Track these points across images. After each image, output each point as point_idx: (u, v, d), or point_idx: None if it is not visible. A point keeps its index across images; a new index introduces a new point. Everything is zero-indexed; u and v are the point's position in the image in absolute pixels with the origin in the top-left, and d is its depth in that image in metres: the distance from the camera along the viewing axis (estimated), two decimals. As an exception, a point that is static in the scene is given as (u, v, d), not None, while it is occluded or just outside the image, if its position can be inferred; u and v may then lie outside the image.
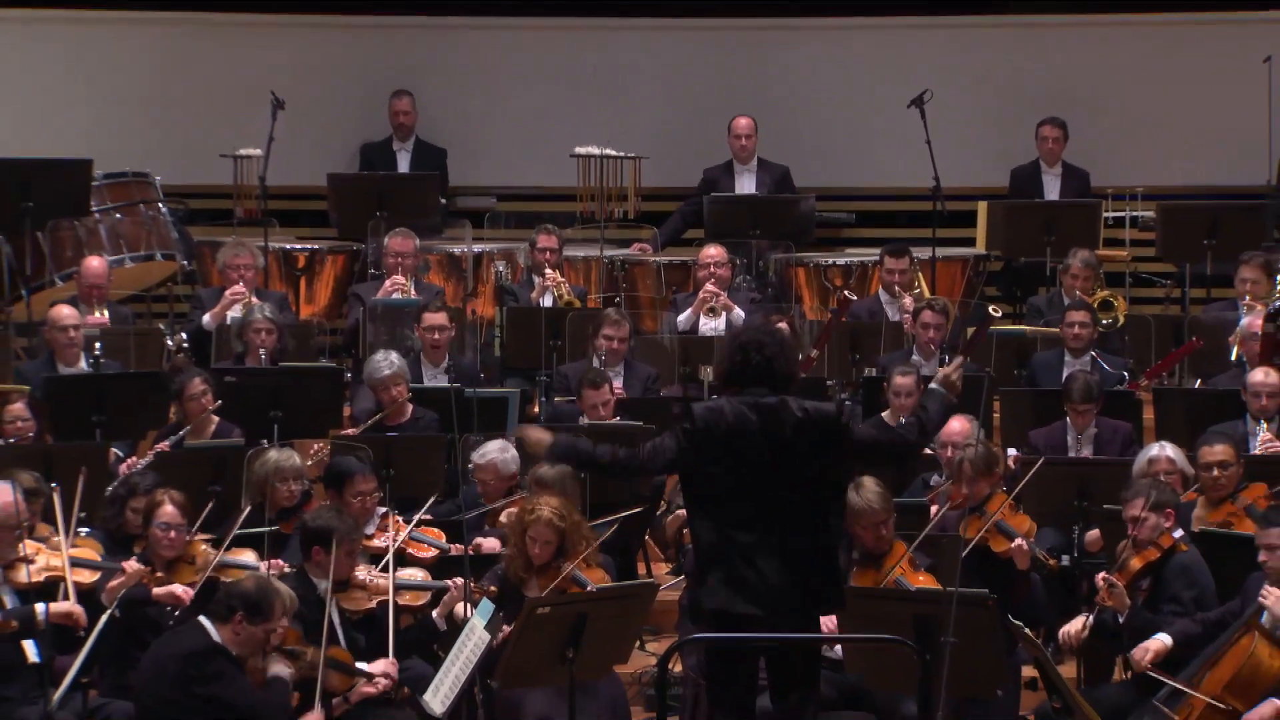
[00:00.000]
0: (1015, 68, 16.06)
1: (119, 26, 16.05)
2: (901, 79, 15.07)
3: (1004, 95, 15.94)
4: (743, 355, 8.20)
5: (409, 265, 13.51)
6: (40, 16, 15.98)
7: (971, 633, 8.42)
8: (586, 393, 11.84)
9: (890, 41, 16.17)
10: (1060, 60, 16.07)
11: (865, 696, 9.18)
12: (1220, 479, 10.29)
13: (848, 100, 16.02)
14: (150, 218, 14.16)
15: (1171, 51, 16.06)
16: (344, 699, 8.75)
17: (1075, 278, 13.57)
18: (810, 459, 8.12)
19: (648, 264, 14.48)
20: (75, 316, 12.31)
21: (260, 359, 12.29)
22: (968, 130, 15.40)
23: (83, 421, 11.48)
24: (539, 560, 9.22)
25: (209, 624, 8.50)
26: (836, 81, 16.10)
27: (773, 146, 15.34)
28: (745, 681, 8.29)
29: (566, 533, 9.23)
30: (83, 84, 15.88)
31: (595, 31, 16.26)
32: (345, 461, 10.18)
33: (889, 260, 13.79)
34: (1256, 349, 12.43)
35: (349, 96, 15.97)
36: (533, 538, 9.20)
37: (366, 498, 9.99)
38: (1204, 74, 15.84)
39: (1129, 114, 15.95)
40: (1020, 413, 12.17)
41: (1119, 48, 16.14)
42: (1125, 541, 9.28)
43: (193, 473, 10.49)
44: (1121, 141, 15.83)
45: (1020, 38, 16.22)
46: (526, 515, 9.26)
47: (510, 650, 8.41)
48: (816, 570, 8.11)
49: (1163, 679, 8.73)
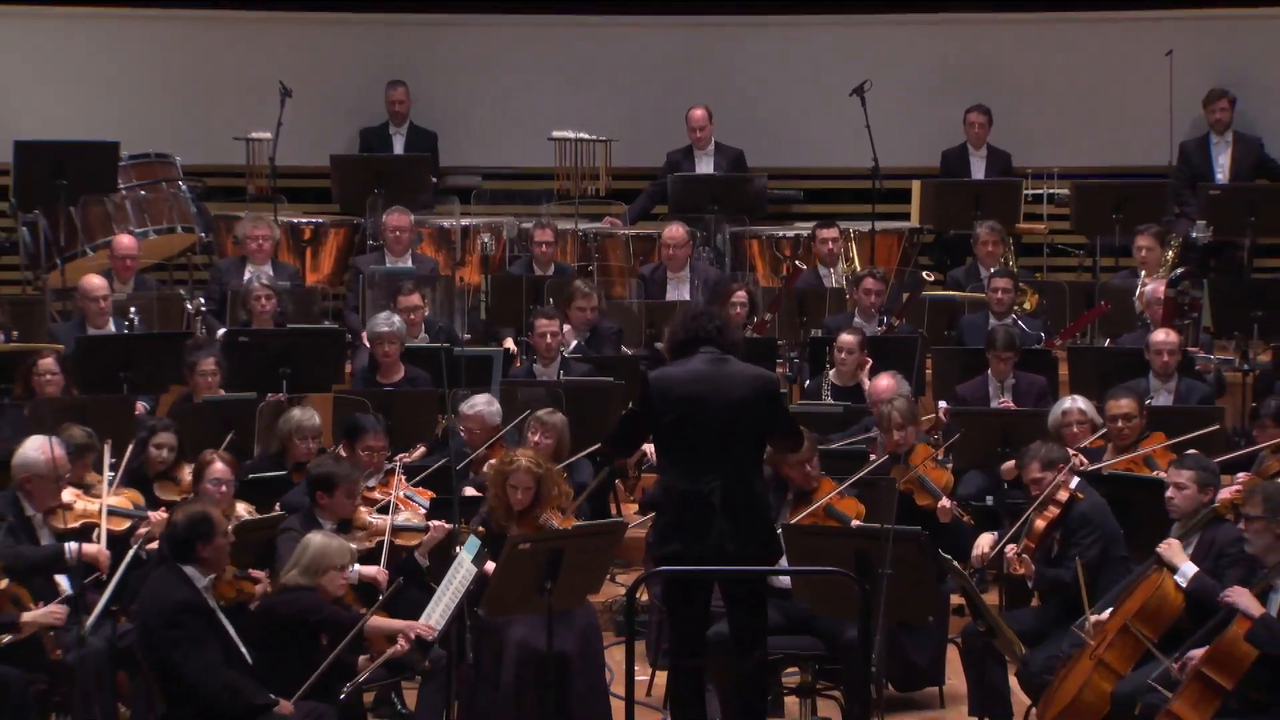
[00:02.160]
0: (946, 60, 16.05)
1: (143, 22, 15.98)
2: (844, 70, 15.03)
3: (935, 85, 15.92)
4: (696, 323, 8.37)
5: (404, 238, 13.53)
6: (72, 13, 15.92)
7: (906, 566, 8.49)
8: (538, 322, 11.93)
9: (834, 36, 16.14)
10: (986, 53, 16.06)
11: (811, 622, 9.20)
12: (1125, 429, 10.35)
13: (796, 89, 15.99)
14: (171, 194, 14.14)
15: (1084, 46, 16.06)
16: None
17: (985, 244, 13.69)
18: (750, 413, 8.24)
19: (617, 236, 14.48)
20: (104, 287, 12.35)
21: (268, 323, 12.31)
22: (903, 116, 15.37)
23: (111, 378, 11.48)
24: (519, 506, 9.17)
25: (190, 570, 8.09)
26: (786, 72, 16.07)
27: (729, 130, 15.31)
28: (699, 610, 8.39)
29: (543, 479, 9.22)
30: (110, 74, 15.82)
31: (571, 27, 16.21)
32: (363, 418, 10.15)
33: (820, 232, 13.87)
34: (1160, 312, 12.48)
35: (349, 86, 15.92)
36: (513, 485, 9.17)
37: (375, 453, 9.96)
38: (1113, 66, 15.85)
39: (1047, 102, 15.95)
40: (950, 369, 12.21)
41: (1038, 42, 16.14)
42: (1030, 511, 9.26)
43: (207, 423, 10.50)
44: (1040, 126, 15.83)
45: (950, 33, 16.20)
46: (506, 465, 9.23)
47: (494, 583, 8.43)
48: (754, 511, 8.22)
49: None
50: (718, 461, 8.18)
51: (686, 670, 8.41)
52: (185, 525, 8.10)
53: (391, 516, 9.39)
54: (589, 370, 11.92)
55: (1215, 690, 7.97)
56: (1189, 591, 8.36)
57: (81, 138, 14.22)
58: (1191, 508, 8.67)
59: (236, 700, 7.91)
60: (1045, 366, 12.18)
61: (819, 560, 8.60)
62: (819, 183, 16.01)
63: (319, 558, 8.39)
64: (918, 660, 9.62)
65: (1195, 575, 8.38)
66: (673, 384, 8.27)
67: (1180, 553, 8.49)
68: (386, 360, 11.72)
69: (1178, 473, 8.78)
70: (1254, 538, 8.19)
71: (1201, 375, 12.08)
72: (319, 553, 8.41)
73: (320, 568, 8.38)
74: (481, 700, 8.90)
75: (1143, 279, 13.17)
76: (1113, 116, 15.76)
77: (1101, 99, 15.84)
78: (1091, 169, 15.39)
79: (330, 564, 8.40)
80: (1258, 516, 8.15)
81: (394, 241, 13.53)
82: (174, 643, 7.91)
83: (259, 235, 13.33)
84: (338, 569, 8.42)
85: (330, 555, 8.42)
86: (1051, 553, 9.14)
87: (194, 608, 7.99)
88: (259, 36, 16.02)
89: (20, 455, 9.05)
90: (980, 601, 8.71)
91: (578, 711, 8.90)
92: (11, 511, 8.92)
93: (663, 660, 9.46)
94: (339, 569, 8.43)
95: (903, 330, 12.73)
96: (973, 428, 10.92)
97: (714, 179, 14.89)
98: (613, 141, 15.10)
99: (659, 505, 8.40)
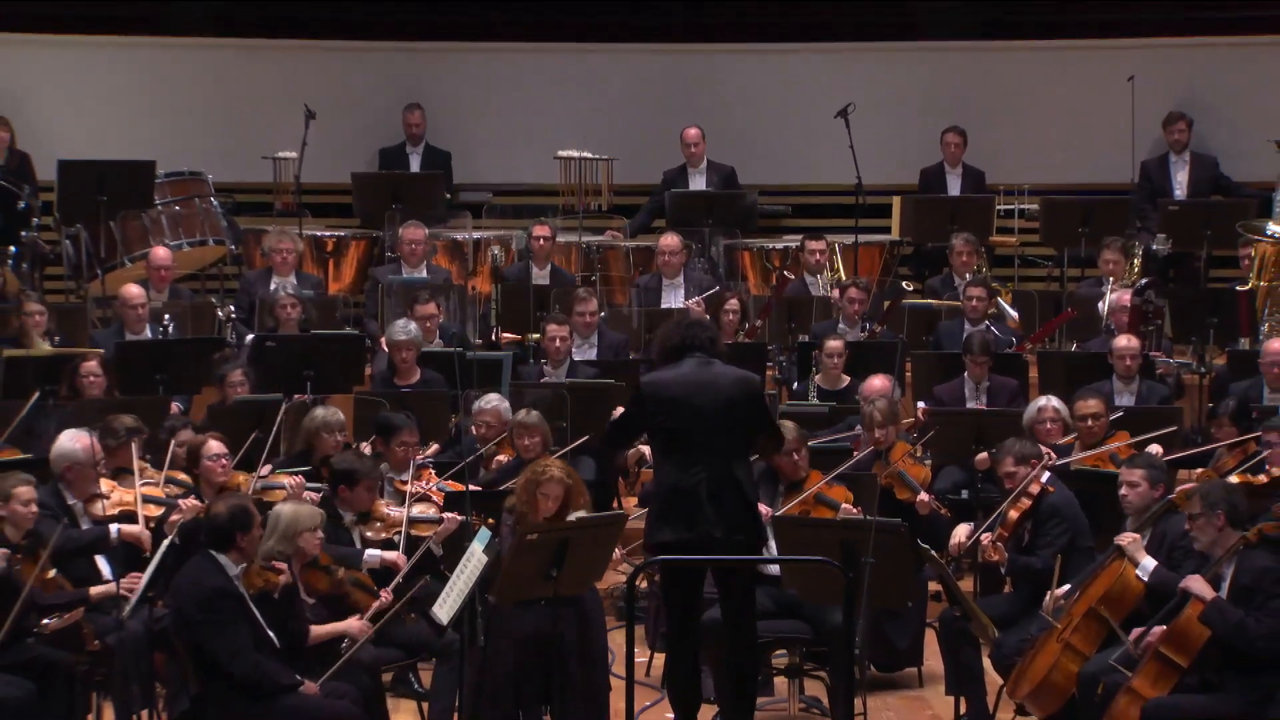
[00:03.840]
0: (924, 85, 16.04)
1: (178, 51, 15.96)
2: (829, 94, 15.03)
3: (914, 108, 15.91)
4: (690, 332, 8.42)
5: (419, 251, 13.53)
6: (112, 42, 15.90)
7: (886, 555, 8.46)
8: (549, 327, 11.96)
9: (820, 63, 16.13)
10: (961, 79, 16.05)
11: (799, 608, 9.18)
12: (1092, 427, 10.36)
13: (785, 112, 15.97)
14: (204, 209, 14.12)
15: (1052, 72, 16.05)
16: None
17: (959, 255, 13.69)
18: (735, 412, 8.25)
19: (618, 248, 14.48)
20: (142, 295, 12.40)
21: (293, 329, 12.31)
22: (884, 137, 15.35)
23: (147, 379, 11.48)
24: (546, 514, 9.01)
25: (222, 557, 8.07)
26: (776, 96, 16.05)
27: (721, 149, 15.29)
28: (691, 596, 8.39)
29: (570, 489, 9.15)
30: (148, 98, 15.80)
31: (575, 55, 16.21)
32: (395, 416, 10.15)
33: (809, 244, 13.86)
34: (1125, 319, 12.47)
35: (369, 109, 15.90)
36: (544, 494, 8.99)
37: (409, 448, 9.96)
38: (1079, 90, 15.83)
39: (1018, 123, 15.94)
40: (928, 372, 12.20)
41: (1010, 69, 16.14)
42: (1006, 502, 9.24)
43: (238, 422, 10.50)
44: (1011, 146, 15.81)
45: (928, 60, 16.20)
46: (539, 474, 9.08)
47: (505, 570, 8.41)
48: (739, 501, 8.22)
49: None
50: (705, 456, 8.18)
51: (682, 652, 8.39)
52: (227, 516, 8.11)
53: (408, 509, 9.37)
54: (595, 374, 11.92)
55: (1173, 669, 7.99)
56: (1151, 585, 8.36)
57: (120, 157, 14.19)
58: (1144, 503, 8.66)
59: (265, 680, 7.91)
60: (1017, 369, 12.17)
61: (807, 550, 8.57)
62: (806, 198, 15.99)
63: (292, 524, 8.42)
64: (898, 643, 9.62)
65: (1155, 569, 8.37)
66: (664, 386, 8.30)
67: (1141, 550, 8.47)
68: (403, 364, 11.72)
69: (1130, 471, 8.77)
70: (1199, 534, 8.17)
71: (1162, 378, 12.09)
72: (291, 520, 8.44)
73: (294, 532, 8.41)
74: (491, 679, 8.88)
75: (1108, 288, 13.18)
76: (1079, 137, 15.74)
77: (1068, 121, 15.82)
78: (1059, 186, 15.37)
79: (303, 527, 8.44)
80: (1198, 514, 8.14)
81: (410, 254, 13.53)
82: (207, 627, 7.90)
83: (283, 248, 13.35)
84: (310, 530, 8.46)
85: (301, 519, 8.47)
86: (1023, 542, 9.13)
87: (227, 594, 7.98)
88: (285, 63, 16.01)
89: (58, 447, 9.10)
90: (956, 588, 8.70)
91: (582, 690, 8.88)
92: (54, 501, 8.94)
93: (661, 643, 9.44)
94: (311, 530, 8.46)
95: (884, 336, 12.72)
96: (949, 426, 10.91)
97: (709, 195, 14.88)
98: (614, 160, 15.09)
99: (652, 497, 8.42)
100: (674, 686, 8.48)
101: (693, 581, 8.39)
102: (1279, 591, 7.90)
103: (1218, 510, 8.09)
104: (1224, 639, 7.90)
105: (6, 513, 8.48)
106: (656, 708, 9.18)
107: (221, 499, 8.51)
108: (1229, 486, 8.44)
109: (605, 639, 9.09)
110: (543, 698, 8.69)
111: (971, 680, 8.96)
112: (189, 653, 8.03)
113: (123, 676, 8.53)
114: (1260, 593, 7.90)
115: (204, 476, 9.45)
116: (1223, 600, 7.95)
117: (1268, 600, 7.88)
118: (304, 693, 8.01)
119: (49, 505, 8.86)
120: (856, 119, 14.41)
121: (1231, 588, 7.99)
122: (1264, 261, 13.55)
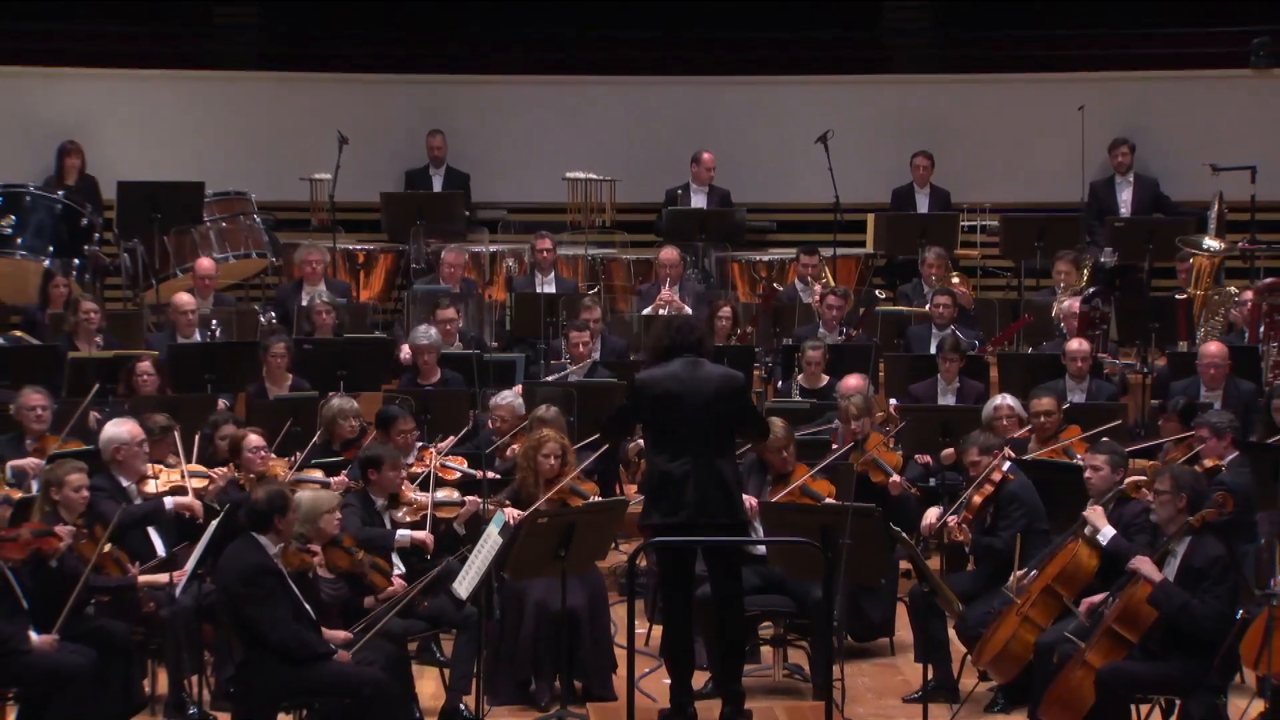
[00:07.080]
0: (896, 113, 16.02)
1: (224, 83, 15.95)
2: (810, 122, 15.03)
3: (887, 134, 15.88)
4: (679, 334, 8.37)
5: (457, 274, 13.44)
6: (168, 75, 15.90)
7: (862, 537, 8.45)
8: (571, 334, 11.98)
9: (803, 94, 16.10)
10: (929, 108, 16.02)
11: (783, 584, 9.16)
12: (1046, 423, 10.32)
13: (770, 137, 15.94)
14: (247, 225, 14.12)
15: (1011, 102, 16.03)
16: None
17: (931, 266, 13.67)
18: (719, 407, 8.20)
19: (620, 260, 14.47)
20: (192, 302, 12.38)
21: (328, 333, 12.30)
22: (860, 160, 15.34)
23: (197, 379, 11.47)
24: (550, 473, 9.12)
25: (261, 538, 8.02)
26: (762, 123, 16.02)
27: (716, 171, 15.28)
28: (684, 573, 8.35)
29: (566, 447, 9.23)
30: (197, 125, 15.76)
31: (581, 85, 16.19)
32: (391, 409, 10.14)
33: (803, 257, 13.83)
34: (1075, 324, 12.45)
35: (396, 134, 15.87)
36: (545, 455, 9.14)
37: (407, 435, 9.95)
38: (1035, 118, 15.80)
39: (980, 148, 15.91)
40: (899, 372, 12.17)
41: (972, 99, 16.11)
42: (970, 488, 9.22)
43: (278, 416, 10.49)
44: (975, 168, 15.78)
45: (900, 91, 16.18)
46: (537, 440, 9.23)
47: (517, 550, 8.39)
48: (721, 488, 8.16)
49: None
50: (691, 447, 8.14)
51: (677, 624, 8.36)
52: (265, 500, 8.09)
53: (432, 493, 9.35)
54: (609, 375, 11.90)
55: (1123, 643, 7.96)
56: (1108, 550, 8.34)
57: (172, 178, 14.18)
58: (1106, 486, 8.64)
59: (303, 649, 7.89)
60: (979, 370, 12.14)
61: (790, 532, 8.57)
62: (790, 215, 15.97)
63: (312, 508, 8.39)
64: (872, 616, 9.58)
65: (1113, 537, 8.39)
66: (654, 384, 8.26)
67: (1102, 518, 8.48)
68: (425, 365, 11.71)
69: (1094, 456, 8.76)
70: (1160, 509, 8.14)
71: (1109, 377, 12.07)
72: (311, 504, 8.41)
73: (316, 514, 8.38)
74: (506, 650, 8.87)
75: (1060, 296, 13.17)
76: (1034, 160, 15.71)
77: (1025, 146, 15.80)
78: (1017, 204, 15.34)
79: (322, 509, 8.42)
80: (1165, 491, 8.11)
81: (448, 277, 13.47)
82: (251, 600, 7.88)
83: (313, 260, 13.35)
84: (329, 512, 8.44)
85: (320, 503, 8.46)
86: (985, 524, 9.11)
87: (268, 570, 7.96)
88: (321, 94, 15.97)
89: (105, 434, 9.11)
90: (924, 566, 8.67)
91: (588, 659, 8.88)
92: (110, 485, 8.94)
93: (659, 616, 9.41)
94: (330, 512, 8.44)
95: (860, 339, 12.70)
96: (918, 421, 10.88)
97: (702, 212, 14.86)
98: (617, 181, 15.07)
99: (644, 484, 8.40)
100: (670, 655, 8.45)
101: (684, 560, 8.35)
102: (1226, 578, 7.88)
103: (1183, 493, 8.07)
104: (1170, 619, 7.87)
105: (60, 498, 8.46)
106: (655, 674, 9.15)
107: (260, 485, 8.51)
108: (1196, 475, 8.42)
109: (609, 612, 9.08)
110: (556, 665, 8.66)
111: (938, 649, 8.93)
112: (233, 624, 8.01)
113: (175, 646, 8.54)
114: (1209, 578, 7.88)
115: (245, 466, 9.44)
116: (1170, 583, 7.91)
117: (1215, 585, 7.86)
118: (338, 660, 7.98)
119: (106, 488, 8.86)
120: (835, 144, 14.42)
121: (1180, 568, 7.96)
122: (1200, 273, 13.56)
